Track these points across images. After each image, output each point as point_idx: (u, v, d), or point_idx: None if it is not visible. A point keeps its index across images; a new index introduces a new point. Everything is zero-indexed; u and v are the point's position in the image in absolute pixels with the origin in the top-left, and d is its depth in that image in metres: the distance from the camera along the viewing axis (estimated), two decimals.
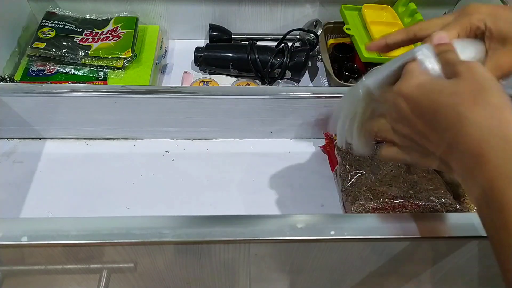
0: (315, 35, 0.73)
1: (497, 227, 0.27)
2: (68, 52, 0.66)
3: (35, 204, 0.55)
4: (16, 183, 0.57)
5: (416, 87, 0.30)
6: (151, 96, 0.55)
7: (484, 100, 0.28)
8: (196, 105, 0.57)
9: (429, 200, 0.46)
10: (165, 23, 0.77)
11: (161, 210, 0.55)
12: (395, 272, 0.46)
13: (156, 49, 0.72)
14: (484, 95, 0.28)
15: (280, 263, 0.43)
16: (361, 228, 0.38)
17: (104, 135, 0.62)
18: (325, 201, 0.57)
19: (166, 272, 0.43)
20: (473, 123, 0.27)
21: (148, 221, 0.38)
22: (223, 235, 0.37)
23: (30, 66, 0.66)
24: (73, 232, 0.37)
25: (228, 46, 0.74)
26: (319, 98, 0.56)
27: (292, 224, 0.38)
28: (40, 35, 0.67)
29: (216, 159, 0.61)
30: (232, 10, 0.75)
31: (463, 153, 0.28)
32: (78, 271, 0.43)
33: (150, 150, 0.62)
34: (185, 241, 0.37)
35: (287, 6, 0.74)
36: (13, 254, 0.39)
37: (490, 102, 0.28)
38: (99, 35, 0.70)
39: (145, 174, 0.59)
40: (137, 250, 0.39)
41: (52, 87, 0.56)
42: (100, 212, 0.55)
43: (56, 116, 0.58)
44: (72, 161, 0.60)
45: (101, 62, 0.66)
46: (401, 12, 0.71)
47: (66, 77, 0.65)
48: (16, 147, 0.62)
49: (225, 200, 0.57)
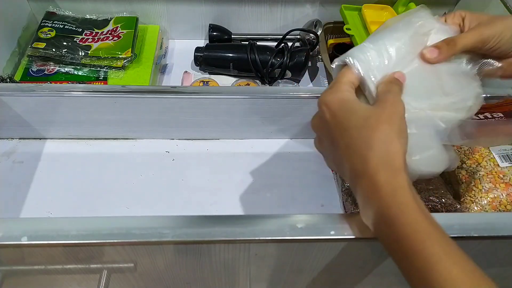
0: (315, 35, 0.73)
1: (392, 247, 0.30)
2: (68, 52, 0.66)
3: (35, 204, 0.55)
4: (16, 183, 0.57)
5: (338, 101, 0.33)
6: (151, 96, 0.55)
7: (384, 131, 0.30)
8: (196, 105, 0.57)
9: (429, 200, 0.46)
10: (165, 23, 0.77)
11: (161, 210, 0.55)
12: (396, 272, 0.46)
13: (156, 49, 0.72)
14: (388, 124, 0.30)
15: (280, 263, 0.43)
16: (362, 228, 0.38)
17: (104, 135, 0.62)
18: (325, 201, 0.57)
19: (166, 272, 0.43)
20: (373, 149, 0.30)
21: (148, 221, 0.38)
22: (223, 235, 0.37)
23: (30, 66, 0.66)
24: (73, 232, 0.37)
25: (228, 46, 0.74)
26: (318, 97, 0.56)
27: (292, 224, 0.38)
28: (40, 35, 0.67)
29: (216, 159, 0.61)
30: (232, 10, 0.75)
31: (362, 176, 0.30)
32: (78, 271, 0.43)
33: (150, 150, 0.62)
34: (185, 241, 0.37)
35: (287, 6, 0.74)
36: (13, 254, 0.39)
37: (389, 133, 0.30)
38: (99, 35, 0.70)
39: (145, 174, 0.59)
40: (137, 250, 0.39)
41: (52, 87, 0.56)
42: (100, 212, 0.55)
43: (56, 116, 0.58)
44: (72, 161, 0.60)
45: (101, 62, 0.66)
46: (401, 12, 0.71)
47: (66, 77, 0.65)
48: (16, 147, 0.62)
49: (225, 200, 0.57)
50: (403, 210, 0.29)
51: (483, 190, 0.45)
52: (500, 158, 0.47)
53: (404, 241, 0.28)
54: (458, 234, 0.38)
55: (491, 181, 0.45)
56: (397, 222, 0.29)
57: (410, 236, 0.28)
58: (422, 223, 0.29)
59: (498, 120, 0.46)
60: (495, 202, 0.45)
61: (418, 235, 0.28)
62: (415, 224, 0.28)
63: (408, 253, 0.28)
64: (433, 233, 0.29)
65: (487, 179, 0.46)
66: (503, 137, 0.48)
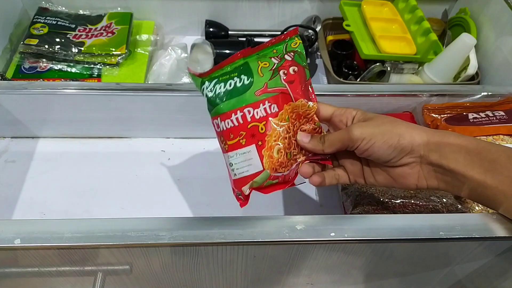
0: (314, 32, 0.72)
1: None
2: (61, 48, 0.64)
3: (28, 205, 0.54)
4: (8, 183, 0.56)
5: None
6: (146, 94, 0.54)
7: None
8: (192, 103, 0.56)
9: (430, 200, 0.45)
10: (160, 19, 0.76)
11: (156, 210, 0.54)
12: (396, 274, 0.45)
13: (151, 46, 0.71)
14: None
15: (279, 266, 0.42)
16: (362, 229, 0.37)
17: (99, 133, 0.61)
18: (325, 201, 0.56)
19: (163, 274, 0.43)
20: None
21: (144, 223, 0.37)
22: (220, 237, 0.36)
23: (22, 63, 0.65)
24: (68, 234, 0.36)
25: (225, 42, 0.73)
26: (318, 96, 0.55)
27: (291, 226, 0.37)
28: (33, 31, 0.66)
29: (212, 158, 0.60)
30: (229, 6, 0.74)
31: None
32: (73, 274, 0.42)
33: (146, 149, 0.61)
34: (182, 243, 0.36)
35: (285, 2, 0.73)
36: (5, 257, 0.38)
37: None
38: (93, 31, 0.69)
39: (140, 174, 0.58)
40: (133, 253, 0.38)
41: (44, 84, 0.55)
42: (94, 212, 0.54)
43: (49, 114, 0.57)
44: (66, 161, 0.59)
45: (95, 59, 0.65)
46: (401, 8, 0.71)
47: (59, 74, 0.64)
48: (8, 146, 0.60)
49: (222, 200, 0.56)
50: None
51: None
52: None
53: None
54: (459, 235, 0.37)
55: None
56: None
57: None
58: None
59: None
60: None
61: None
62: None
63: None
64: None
65: None
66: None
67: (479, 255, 0.41)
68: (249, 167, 0.36)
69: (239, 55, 0.37)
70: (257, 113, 0.34)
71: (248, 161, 0.35)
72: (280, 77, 0.35)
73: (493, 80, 0.66)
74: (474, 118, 0.53)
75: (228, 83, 0.36)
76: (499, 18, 0.65)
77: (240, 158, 0.35)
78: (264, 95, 0.35)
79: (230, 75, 0.36)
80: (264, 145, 0.35)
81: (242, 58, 0.37)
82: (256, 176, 0.36)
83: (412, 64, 0.67)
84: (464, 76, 0.65)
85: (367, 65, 0.66)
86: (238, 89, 0.35)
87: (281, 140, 0.35)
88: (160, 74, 0.66)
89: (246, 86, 0.35)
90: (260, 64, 0.36)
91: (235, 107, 0.35)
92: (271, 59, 0.36)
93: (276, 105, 0.35)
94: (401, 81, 0.67)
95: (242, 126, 0.35)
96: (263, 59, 0.36)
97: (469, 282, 0.48)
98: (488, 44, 0.67)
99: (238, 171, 0.36)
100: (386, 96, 0.56)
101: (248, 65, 0.36)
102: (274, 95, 0.35)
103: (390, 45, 0.65)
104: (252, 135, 0.35)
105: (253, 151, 0.35)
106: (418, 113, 0.58)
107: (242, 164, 0.36)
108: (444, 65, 0.64)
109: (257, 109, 0.34)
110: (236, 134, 0.35)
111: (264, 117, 0.34)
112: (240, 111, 0.35)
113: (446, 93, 0.56)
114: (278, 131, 0.35)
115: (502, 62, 0.64)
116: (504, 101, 0.55)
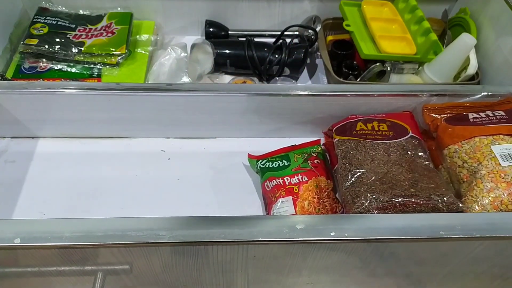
0: (314, 31, 0.72)
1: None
2: (61, 48, 0.64)
3: (28, 205, 0.54)
4: (8, 183, 0.56)
5: None
6: (146, 94, 0.54)
7: None
8: (192, 103, 0.56)
9: (431, 198, 0.45)
10: (160, 18, 0.76)
11: (156, 210, 0.54)
12: (396, 273, 0.45)
13: (151, 46, 0.71)
14: None
15: (279, 265, 0.42)
16: (362, 228, 0.37)
17: (98, 133, 0.61)
18: None
19: (163, 274, 0.43)
20: None
21: (144, 223, 0.37)
22: (220, 237, 0.36)
23: (22, 63, 0.65)
24: (67, 233, 0.36)
25: (225, 42, 0.73)
26: (318, 96, 0.56)
27: (292, 225, 0.37)
28: (33, 31, 0.66)
29: (212, 158, 0.60)
30: (229, 6, 0.74)
31: None
32: (73, 273, 0.42)
33: (146, 149, 0.61)
34: (182, 242, 0.36)
35: (285, 2, 0.73)
36: (5, 256, 0.38)
37: None
38: (93, 31, 0.69)
39: (140, 174, 0.58)
40: (133, 252, 0.38)
41: (44, 84, 0.55)
42: (94, 212, 0.54)
43: (49, 114, 0.57)
44: (66, 161, 0.59)
45: (95, 59, 0.65)
46: (401, 8, 0.71)
47: (59, 74, 0.64)
48: (8, 146, 0.60)
49: (222, 200, 0.56)
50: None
51: (484, 190, 0.45)
52: (502, 157, 0.46)
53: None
54: (460, 234, 0.37)
55: (492, 181, 0.45)
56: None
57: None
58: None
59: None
60: (496, 202, 0.44)
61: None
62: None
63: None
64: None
65: (488, 179, 0.45)
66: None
67: (480, 254, 0.41)
68: (285, 212, 0.52)
69: (279, 151, 0.57)
70: (293, 180, 0.53)
71: (285, 207, 0.51)
72: (309, 163, 0.55)
73: (493, 80, 0.66)
74: (474, 118, 0.52)
75: (275, 163, 0.55)
76: (499, 18, 0.65)
77: (280, 204, 0.52)
78: (298, 170, 0.54)
79: (276, 159, 0.56)
80: (298, 198, 0.52)
81: (283, 153, 0.57)
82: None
83: (412, 64, 0.67)
84: (464, 76, 0.65)
85: (367, 65, 0.66)
86: (281, 167, 0.55)
87: (310, 198, 0.52)
88: (160, 74, 0.66)
89: (286, 166, 0.55)
90: (295, 155, 0.56)
91: (279, 176, 0.54)
92: (302, 154, 0.56)
93: (306, 176, 0.53)
94: (401, 81, 0.67)
95: (282, 186, 0.53)
96: (297, 153, 0.56)
97: (470, 281, 0.48)
98: (488, 44, 0.67)
99: (278, 211, 0.52)
100: (386, 96, 0.56)
101: (287, 155, 0.56)
102: (305, 171, 0.54)
103: (390, 45, 0.65)
104: (289, 191, 0.52)
105: (290, 200, 0.51)
106: (418, 113, 0.58)
107: (281, 210, 0.52)
108: (444, 65, 0.64)
109: (292, 178, 0.53)
110: (279, 189, 0.53)
111: (297, 183, 0.53)
112: (281, 179, 0.53)
113: (446, 93, 0.56)
114: (308, 192, 0.52)
115: (502, 62, 0.64)
116: (504, 101, 0.55)
